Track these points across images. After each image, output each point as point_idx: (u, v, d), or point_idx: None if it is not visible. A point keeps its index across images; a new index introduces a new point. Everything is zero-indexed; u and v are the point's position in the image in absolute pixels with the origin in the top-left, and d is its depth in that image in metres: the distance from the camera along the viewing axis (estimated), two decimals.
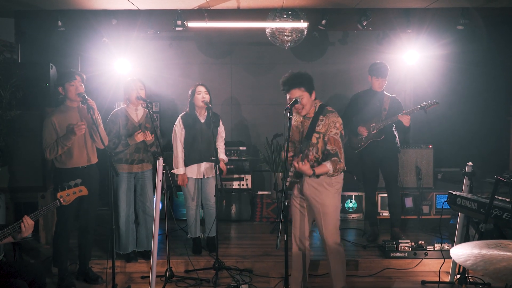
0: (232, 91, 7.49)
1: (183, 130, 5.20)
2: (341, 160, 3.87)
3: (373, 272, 5.05)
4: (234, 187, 6.58)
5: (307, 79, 3.94)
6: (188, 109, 5.24)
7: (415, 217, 6.25)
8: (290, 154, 3.96)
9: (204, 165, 5.19)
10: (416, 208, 6.28)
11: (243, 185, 6.58)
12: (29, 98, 5.40)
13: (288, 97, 3.91)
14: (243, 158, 6.63)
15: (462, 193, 4.31)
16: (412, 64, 6.66)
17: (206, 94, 5.13)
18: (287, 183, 3.88)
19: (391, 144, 5.56)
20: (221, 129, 5.39)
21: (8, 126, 5.22)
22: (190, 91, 5.20)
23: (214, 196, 4.98)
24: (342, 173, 4.03)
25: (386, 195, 5.89)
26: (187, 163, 5.21)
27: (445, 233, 5.64)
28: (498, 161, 6.88)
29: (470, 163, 4.55)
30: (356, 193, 6.48)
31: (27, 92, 5.38)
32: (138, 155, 4.99)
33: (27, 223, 3.34)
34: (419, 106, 5.40)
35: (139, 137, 4.86)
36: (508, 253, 1.94)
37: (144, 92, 5.01)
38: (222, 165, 5.22)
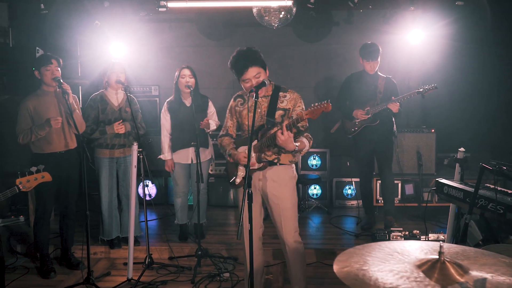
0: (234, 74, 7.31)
1: (168, 115, 5.07)
2: (311, 138, 3.57)
3: None
4: None
5: (260, 55, 3.57)
6: (173, 93, 5.10)
7: (416, 204, 5.99)
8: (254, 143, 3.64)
9: (191, 150, 5.02)
10: (417, 195, 6.00)
11: None
12: (17, 82, 5.37)
13: (241, 78, 3.53)
14: None
15: (448, 181, 4.04)
16: (417, 43, 6.32)
17: (191, 77, 4.98)
18: (238, 180, 3.65)
19: (387, 128, 5.32)
20: (211, 111, 5.20)
21: None
22: (175, 74, 5.05)
23: (197, 182, 4.82)
24: None
25: None
26: (174, 149, 5.09)
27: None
28: (508, 146, 6.50)
29: (462, 149, 4.25)
30: (355, 179, 6.24)
31: (15, 76, 5.34)
32: (118, 140, 4.88)
33: None
34: (416, 91, 5.11)
35: (120, 129, 4.78)
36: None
37: (124, 76, 4.89)
38: (205, 120, 4.97)
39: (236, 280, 4.46)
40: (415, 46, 6.41)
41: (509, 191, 3.62)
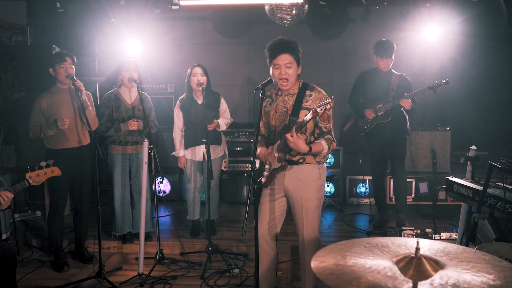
0: (249, 71, 7.36)
1: (180, 112, 5.11)
2: (335, 140, 3.51)
3: None
4: (245, 169, 6.47)
5: (298, 49, 3.53)
6: (186, 91, 5.14)
7: (430, 203, 5.93)
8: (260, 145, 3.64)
9: (203, 148, 5.06)
10: (431, 193, 5.95)
11: None
12: (34, 80, 5.48)
13: (273, 62, 3.47)
14: (252, 140, 6.49)
15: (459, 179, 3.99)
16: (433, 40, 6.25)
17: (202, 76, 5.01)
18: (264, 180, 3.63)
19: (400, 126, 5.26)
20: (223, 109, 5.22)
21: (11, 108, 5.33)
22: (187, 72, 5.10)
23: (207, 179, 4.86)
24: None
25: None
26: (187, 146, 5.13)
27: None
28: None
29: (474, 147, 4.20)
30: (369, 177, 6.20)
31: (32, 74, 5.45)
32: (131, 137, 4.95)
33: (5, 197, 3.37)
34: (427, 86, 5.06)
35: (133, 126, 4.83)
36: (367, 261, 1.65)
37: (138, 74, 4.95)
38: (215, 121, 5.00)
39: (245, 276, 4.48)
40: (431, 43, 6.34)
41: None
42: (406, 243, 1.67)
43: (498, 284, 1.42)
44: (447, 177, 4.09)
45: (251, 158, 6.41)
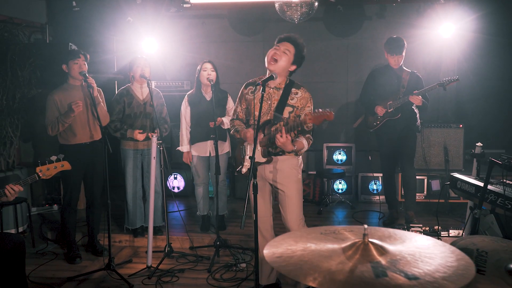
0: (265, 69, 7.38)
1: (188, 107, 5.19)
2: (312, 138, 3.63)
3: None
4: None
5: (303, 51, 3.64)
6: (195, 86, 5.22)
7: (443, 201, 5.88)
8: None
9: (210, 143, 5.14)
10: (443, 191, 5.90)
11: None
12: (51, 77, 5.62)
13: (274, 48, 3.57)
14: None
15: (463, 176, 3.98)
16: (448, 37, 6.21)
17: (212, 71, 5.08)
18: (244, 170, 3.74)
19: (410, 123, 5.24)
20: (230, 106, 5.28)
21: (29, 104, 5.49)
22: (197, 67, 5.18)
23: (215, 174, 4.94)
24: None
25: None
26: (193, 141, 5.21)
27: None
28: None
29: (480, 144, 4.18)
30: (381, 175, 6.18)
31: (49, 71, 5.60)
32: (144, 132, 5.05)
33: (11, 190, 3.51)
34: (437, 83, 5.03)
35: (139, 136, 4.95)
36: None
37: (149, 70, 5.05)
38: (219, 119, 5.04)
39: (251, 270, 4.54)
40: (446, 39, 6.31)
41: None
42: (360, 230, 1.71)
43: (434, 269, 1.48)
44: (451, 174, 4.07)
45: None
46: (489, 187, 3.48)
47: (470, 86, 6.35)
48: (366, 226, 1.59)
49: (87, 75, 4.58)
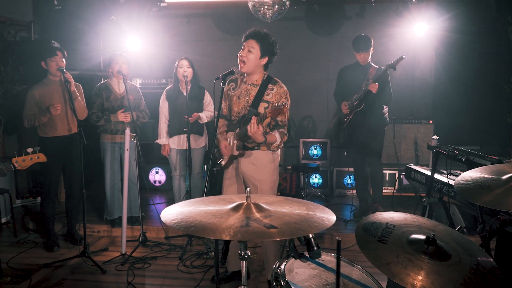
0: None
1: (166, 102, 5.40)
2: (287, 133, 3.76)
3: (344, 246, 5.01)
4: None
5: (268, 41, 3.72)
6: (173, 82, 5.43)
7: (413, 194, 6.07)
8: (223, 129, 3.92)
9: (185, 137, 5.34)
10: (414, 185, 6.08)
11: None
12: (34, 73, 5.82)
13: (242, 48, 3.74)
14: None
15: (416, 167, 4.18)
16: (421, 36, 6.40)
17: (188, 67, 5.28)
18: (223, 162, 3.91)
19: (376, 116, 5.41)
20: (207, 101, 5.48)
21: (12, 100, 5.70)
22: (175, 64, 5.38)
23: (188, 167, 5.14)
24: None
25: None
26: (171, 134, 5.41)
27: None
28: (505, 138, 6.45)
29: (436, 137, 4.35)
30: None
31: (32, 68, 5.80)
32: (121, 125, 5.25)
33: None
34: (386, 65, 5.18)
35: (122, 117, 5.16)
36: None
37: (127, 67, 5.26)
38: (195, 114, 5.27)
39: (220, 258, 4.72)
40: (420, 38, 6.49)
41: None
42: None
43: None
44: (407, 165, 4.27)
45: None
46: (436, 176, 3.66)
47: (443, 83, 6.54)
48: (248, 189, 1.87)
49: (64, 70, 4.77)
